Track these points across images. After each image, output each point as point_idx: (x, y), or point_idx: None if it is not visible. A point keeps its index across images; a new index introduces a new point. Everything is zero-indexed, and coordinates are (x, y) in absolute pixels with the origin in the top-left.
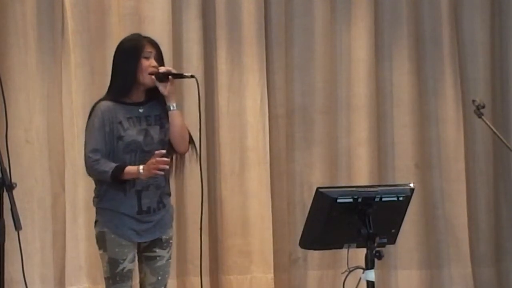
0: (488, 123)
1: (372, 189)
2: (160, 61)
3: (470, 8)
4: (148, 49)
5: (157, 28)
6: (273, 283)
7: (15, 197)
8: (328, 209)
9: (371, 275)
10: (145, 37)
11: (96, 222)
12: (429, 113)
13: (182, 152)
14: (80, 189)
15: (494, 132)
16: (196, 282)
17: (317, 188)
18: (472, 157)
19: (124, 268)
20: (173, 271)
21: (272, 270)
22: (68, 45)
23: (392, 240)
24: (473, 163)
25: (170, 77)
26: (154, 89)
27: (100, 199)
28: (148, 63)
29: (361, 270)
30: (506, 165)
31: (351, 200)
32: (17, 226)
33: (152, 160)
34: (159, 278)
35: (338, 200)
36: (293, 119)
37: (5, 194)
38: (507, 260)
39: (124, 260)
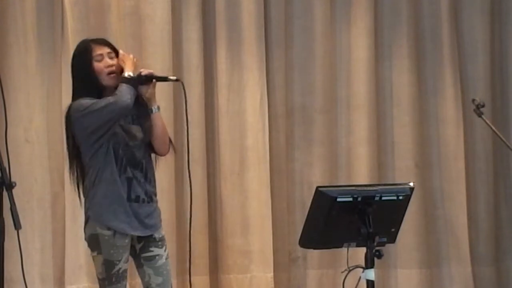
0: (488, 122)
1: (372, 188)
2: (116, 56)
3: (470, 8)
4: (98, 51)
5: (157, 28)
6: (273, 283)
7: (14, 196)
8: (328, 208)
9: (371, 274)
10: (92, 40)
11: (87, 221)
12: (429, 113)
13: (162, 154)
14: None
15: (494, 131)
16: (196, 281)
17: (317, 187)
18: (472, 157)
19: (120, 268)
20: (173, 270)
21: (272, 270)
22: (68, 45)
23: (392, 239)
24: (473, 162)
25: (153, 80)
26: None
27: (94, 191)
28: (102, 65)
29: (361, 269)
30: (506, 165)
31: (351, 199)
32: (17, 226)
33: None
34: (164, 277)
35: (338, 199)
36: (293, 118)
37: (5, 194)
38: (507, 260)
39: (120, 261)
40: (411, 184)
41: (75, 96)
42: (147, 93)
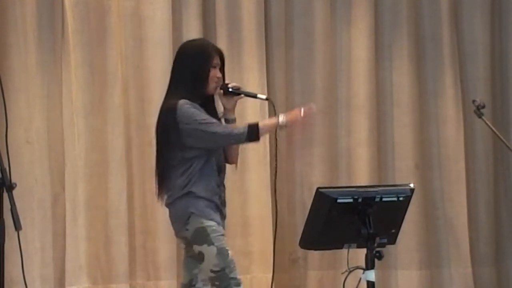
0: (488, 123)
1: (372, 189)
2: (223, 71)
3: (470, 8)
4: (215, 60)
5: (157, 28)
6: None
7: (15, 197)
8: (328, 209)
9: (371, 275)
10: (212, 45)
11: (189, 217)
12: (429, 113)
13: (232, 162)
14: (80, 189)
15: (494, 132)
16: None
17: (317, 188)
18: (472, 157)
19: (231, 255)
20: (173, 270)
21: (272, 270)
22: (68, 45)
23: (392, 240)
24: (473, 163)
25: (241, 95)
26: None
27: (193, 190)
28: (214, 74)
29: (361, 270)
30: (506, 165)
31: (351, 200)
32: (17, 226)
33: (297, 111)
34: None
35: (338, 200)
36: None
37: (5, 194)
38: (507, 260)
39: (228, 249)
40: (412, 185)
41: (176, 92)
42: (229, 105)
